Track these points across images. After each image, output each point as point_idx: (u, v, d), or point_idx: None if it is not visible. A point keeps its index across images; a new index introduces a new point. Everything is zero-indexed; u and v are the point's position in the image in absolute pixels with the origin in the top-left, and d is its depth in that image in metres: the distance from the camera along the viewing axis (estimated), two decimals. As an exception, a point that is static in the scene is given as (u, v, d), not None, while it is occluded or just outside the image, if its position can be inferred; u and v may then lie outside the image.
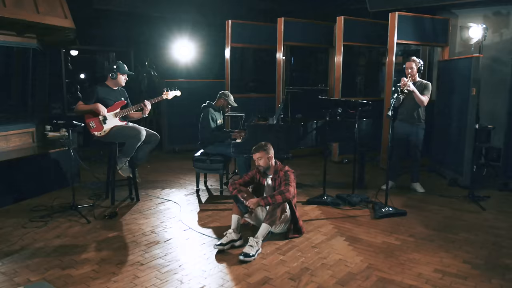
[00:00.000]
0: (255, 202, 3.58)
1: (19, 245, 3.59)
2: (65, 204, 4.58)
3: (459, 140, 5.37)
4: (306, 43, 7.35)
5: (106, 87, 4.62)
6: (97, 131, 4.50)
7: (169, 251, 3.48)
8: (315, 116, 4.76)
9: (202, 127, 5.13)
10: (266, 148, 3.76)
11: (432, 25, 6.23)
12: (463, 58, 5.45)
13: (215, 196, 5.10)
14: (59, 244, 3.61)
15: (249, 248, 3.36)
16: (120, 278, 3.01)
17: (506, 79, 5.36)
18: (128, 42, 7.96)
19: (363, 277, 3.06)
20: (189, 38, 7.90)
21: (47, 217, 4.22)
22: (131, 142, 4.52)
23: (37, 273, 3.07)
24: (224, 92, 5.32)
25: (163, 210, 4.56)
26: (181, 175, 6.09)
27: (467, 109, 5.17)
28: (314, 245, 3.63)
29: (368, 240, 3.74)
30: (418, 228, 4.03)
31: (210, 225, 4.09)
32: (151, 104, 4.67)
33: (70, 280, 2.97)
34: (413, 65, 4.98)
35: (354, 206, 4.65)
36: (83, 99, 4.46)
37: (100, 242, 3.66)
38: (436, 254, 3.45)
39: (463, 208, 4.62)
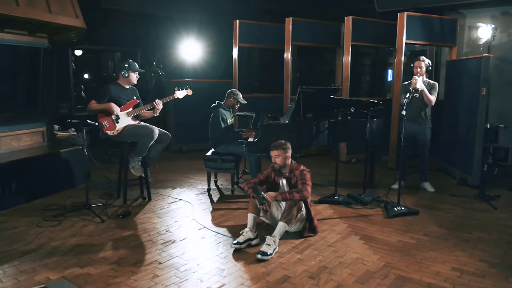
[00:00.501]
0: (273, 195, 3.60)
1: (36, 244, 3.59)
2: (78, 204, 4.59)
3: (468, 140, 5.38)
4: (314, 43, 7.38)
5: (119, 86, 4.63)
6: (110, 130, 4.50)
7: (186, 250, 3.48)
8: (327, 115, 4.77)
9: (212, 127, 5.14)
10: (285, 147, 3.77)
11: (440, 25, 6.25)
12: (473, 58, 5.47)
13: (226, 195, 5.11)
14: (75, 243, 3.61)
15: (267, 246, 3.37)
16: (139, 276, 3.02)
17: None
18: (135, 42, 7.96)
19: (382, 275, 3.07)
20: (196, 38, 7.91)
21: (60, 216, 4.22)
22: (144, 141, 4.53)
23: (57, 272, 3.08)
24: (232, 91, 5.33)
25: (175, 209, 4.56)
26: (190, 175, 6.09)
27: (477, 109, 5.18)
28: (330, 244, 3.65)
29: (383, 239, 3.75)
30: (431, 227, 4.04)
31: (224, 224, 4.10)
32: (162, 104, 4.67)
33: (90, 279, 2.98)
34: (422, 65, 5.00)
35: (366, 205, 4.66)
36: (95, 98, 4.47)
37: (116, 241, 3.67)
38: (451, 253, 3.46)
39: (474, 208, 4.63)
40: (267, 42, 7.51)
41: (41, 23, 4.71)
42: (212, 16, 7.95)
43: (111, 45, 8.11)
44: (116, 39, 7.83)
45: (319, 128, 4.56)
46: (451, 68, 6.09)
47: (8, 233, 3.82)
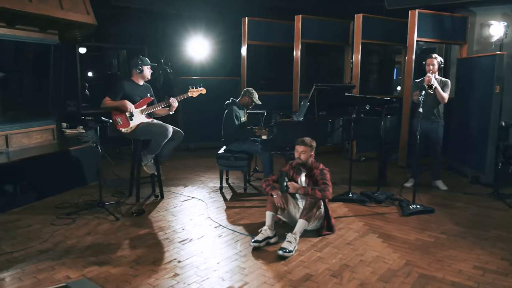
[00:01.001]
0: (296, 186, 3.60)
1: (51, 242, 3.55)
2: (90, 202, 4.56)
3: (481, 138, 5.36)
4: (322, 41, 7.34)
5: (132, 82, 4.59)
6: (123, 127, 4.47)
7: (204, 249, 3.45)
8: (340, 113, 4.74)
9: (225, 124, 5.10)
10: (312, 145, 3.75)
11: (451, 22, 6.23)
12: (486, 56, 5.44)
13: (239, 193, 5.08)
14: (92, 241, 3.58)
15: (288, 243, 3.34)
16: (160, 275, 2.99)
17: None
18: (143, 39, 7.92)
19: (404, 273, 3.05)
20: (204, 36, 7.86)
21: (74, 214, 4.19)
22: (158, 139, 4.49)
23: (76, 270, 3.04)
24: (249, 90, 5.30)
25: (189, 207, 4.53)
26: (200, 173, 6.06)
27: (490, 107, 5.16)
28: (348, 242, 3.62)
29: (402, 237, 3.73)
30: (448, 225, 4.02)
31: (240, 222, 4.07)
32: (177, 102, 4.64)
33: (110, 278, 2.94)
34: (434, 62, 4.98)
35: (380, 203, 4.64)
36: (109, 95, 4.43)
37: (132, 240, 3.64)
38: (471, 251, 3.44)
39: (489, 206, 4.61)
40: (276, 40, 7.47)
41: (52, 19, 4.67)
42: (220, 14, 7.90)
43: (118, 43, 8.06)
44: (123, 37, 7.79)
45: (334, 125, 4.52)
46: (462, 66, 6.06)
47: (23, 231, 3.79)
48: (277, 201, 3.64)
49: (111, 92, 4.46)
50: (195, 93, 4.84)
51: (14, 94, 5.31)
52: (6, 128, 4.82)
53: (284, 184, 3.54)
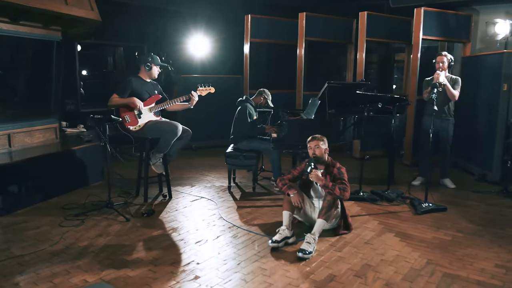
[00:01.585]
0: (319, 176, 3.56)
1: (63, 244, 3.44)
2: (97, 202, 4.45)
3: (488, 136, 5.36)
4: (326, 39, 7.30)
5: (140, 79, 4.49)
6: (132, 125, 4.37)
7: (221, 250, 3.38)
8: (351, 111, 4.70)
9: (237, 122, 5.03)
10: (324, 140, 3.71)
11: (456, 21, 6.23)
12: (493, 54, 5.45)
13: (248, 193, 5.00)
14: (105, 243, 3.48)
15: (307, 245, 3.28)
16: (180, 277, 2.91)
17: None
18: (142, 36, 7.78)
19: (428, 273, 3.01)
20: (205, 33, 7.76)
21: (82, 215, 4.07)
22: (167, 137, 4.40)
23: (92, 274, 2.94)
24: (265, 90, 5.25)
25: (199, 207, 4.44)
26: (205, 172, 5.97)
27: (498, 105, 5.17)
28: (366, 241, 3.58)
29: (419, 236, 3.70)
30: (463, 224, 4.00)
31: (254, 223, 4.00)
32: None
33: (130, 281, 2.85)
34: (444, 59, 4.96)
35: (392, 202, 4.61)
36: (117, 92, 4.32)
37: (147, 241, 3.54)
38: (490, 249, 3.42)
39: (500, 204, 4.61)
40: (278, 38, 7.41)
41: (56, 14, 4.54)
42: (221, 11, 7.80)
43: (117, 40, 7.90)
44: (121, 34, 7.62)
45: (345, 123, 4.48)
46: (467, 64, 6.06)
47: (31, 233, 3.67)
48: (295, 200, 3.58)
49: (119, 89, 4.35)
50: (204, 92, 4.74)
51: (16, 92, 5.15)
52: (8, 127, 4.68)
53: (309, 169, 3.49)
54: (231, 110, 7.60)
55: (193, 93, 4.54)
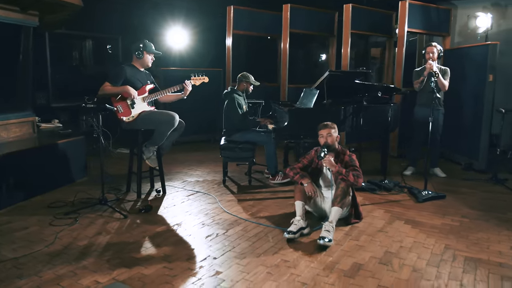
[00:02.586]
0: (332, 163, 3.45)
1: (60, 244, 3.13)
2: (87, 199, 4.13)
3: (474, 126, 5.50)
4: (309, 31, 7.25)
5: (133, 67, 4.21)
6: (125, 115, 4.08)
7: (235, 243, 3.20)
8: (348, 101, 4.65)
9: (228, 114, 4.85)
10: (335, 127, 3.62)
11: (437, 14, 6.37)
12: (477, 46, 5.60)
13: (243, 186, 4.83)
14: (107, 242, 3.20)
15: (326, 233, 3.18)
16: (201, 273, 2.71)
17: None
18: (117, 28, 7.39)
19: (450, 257, 2.99)
20: (183, 25, 7.49)
21: (73, 214, 3.75)
22: (162, 129, 4.15)
23: (102, 274, 2.68)
24: (243, 74, 5.06)
25: (198, 202, 4.23)
26: (193, 167, 5.73)
27: (483, 95, 5.31)
28: (379, 229, 3.53)
29: (428, 222, 3.70)
30: (465, 210, 4.05)
31: (260, 215, 3.85)
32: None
33: (146, 280, 2.62)
34: (434, 50, 5.04)
35: (390, 191, 4.61)
36: (109, 80, 4.02)
37: (152, 238, 3.30)
38: (500, 233, 3.47)
39: (492, 190, 4.73)
40: (261, 30, 7.27)
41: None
42: (200, 3, 7.56)
43: (89, 31, 7.45)
44: (95, 24, 7.20)
45: (346, 113, 4.42)
46: (450, 56, 6.19)
47: (20, 234, 3.31)
48: (308, 189, 3.47)
49: (111, 77, 4.05)
50: (198, 81, 4.53)
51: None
52: (-19, 120, 4.24)
53: (322, 154, 3.40)
54: (212, 104, 7.44)
55: (186, 82, 4.33)
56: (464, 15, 6.52)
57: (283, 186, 4.79)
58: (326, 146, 3.51)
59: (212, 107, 7.45)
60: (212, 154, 6.57)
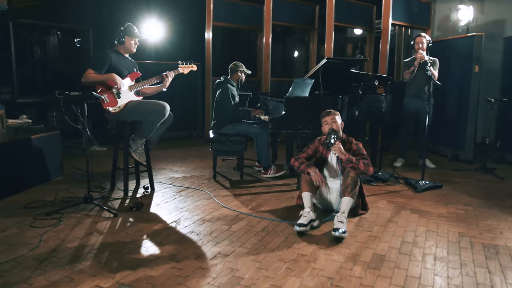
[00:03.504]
0: (342, 150, 3.28)
1: (47, 247, 2.77)
2: (68, 199, 3.75)
3: (460, 117, 5.53)
4: (291, 24, 7.12)
5: (118, 53, 3.88)
6: (111, 106, 3.73)
7: (243, 239, 2.95)
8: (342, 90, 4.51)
9: (220, 105, 4.58)
10: (338, 113, 3.46)
11: (418, 7, 6.41)
12: (462, 38, 5.65)
13: (235, 181, 4.57)
14: (101, 242, 2.87)
15: (340, 224, 3.00)
16: (215, 272, 2.45)
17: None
18: (88, 18, 6.90)
19: (467, 244, 2.90)
20: (159, 17, 7.11)
21: (55, 214, 3.37)
22: (152, 120, 3.83)
23: (104, 278, 2.36)
24: (236, 63, 4.82)
25: (191, 198, 3.94)
26: (177, 163, 5.41)
27: (469, 86, 5.36)
28: (389, 219, 3.40)
29: (434, 211, 3.62)
30: (466, 198, 4.02)
31: (262, 209, 3.62)
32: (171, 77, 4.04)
33: (156, 282, 2.33)
34: (424, 40, 5.04)
35: (386, 182, 4.52)
36: (93, 67, 3.66)
37: (151, 236, 3.00)
38: (507, 219, 3.43)
39: (484, 179, 4.75)
40: (241, 22, 7.05)
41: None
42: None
43: (57, 21, 6.91)
44: (63, 15, 6.69)
45: (343, 102, 4.29)
46: (434, 49, 6.17)
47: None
48: (316, 178, 3.29)
49: (94, 63, 3.70)
50: (186, 70, 4.25)
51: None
52: None
53: (333, 140, 3.23)
54: (190, 100, 7.12)
55: (168, 72, 4.04)
56: (443, 9, 6.59)
57: (276, 180, 4.59)
58: (334, 133, 3.34)
59: (191, 102, 7.15)
60: (194, 151, 6.28)
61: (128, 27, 3.92)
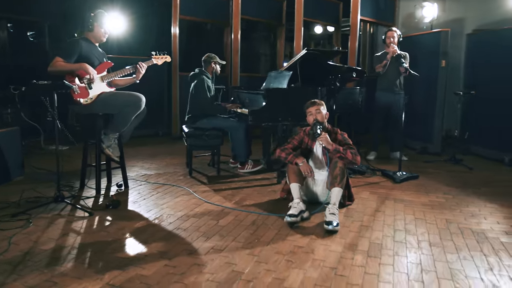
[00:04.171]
0: (329, 141, 3.21)
1: (18, 250, 2.49)
2: (35, 199, 3.43)
3: (428, 110, 5.67)
4: (259, 18, 7.03)
5: (89, 42, 3.61)
6: (82, 97, 3.45)
7: (234, 234, 2.81)
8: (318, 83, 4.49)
9: (195, 98, 4.40)
10: (323, 104, 3.39)
11: (384, 4, 6.54)
12: (429, 33, 5.81)
13: (212, 176, 4.40)
14: (80, 243, 2.62)
15: (332, 216, 2.93)
16: (213, 268, 2.30)
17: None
18: (43, 10, 6.44)
19: (458, 230, 2.93)
20: (121, 10, 6.77)
21: (22, 215, 3.05)
22: (126, 112, 3.59)
23: (92, 280, 2.14)
24: (209, 55, 4.66)
25: (169, 194, 3.73)
26: (147, 161, 5.15)
27: (436, 80, 5.51)
28: (376, 209, 3.39)
29: (416, 200, 3.65)
30: (443, 187, 4.10)
31: (246, 203, 3.49)
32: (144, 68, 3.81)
33: (150, 281, 2.14)
34: (395, 35, 5.14)
35: (364, 174, 4.54)
36: (62, 55, 3.37)
37: (135, 234, 2.78)
38: (486, 206, 3.51)
39: (455, 170, 4.89)
40: (207, 16, 6.88)
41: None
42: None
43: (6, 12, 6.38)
44: (16, 4, 6.20)
45: (322, 94, 4.25)
46: (402, 44, 6.33)
47: (-42, 243, 2.59)
48: (305, 169, 3.20)
49: (63, 51, 3.40)
50: (160, 60, 4.05)
51: None
52: None
53: (319, 130, 3.15)
54: (155, 96, 6.83)
55: (140, 63, 3.83)
56: (406, 6, 6.78)
57: (254, 175, 4.47)
58: (320, 123, 3.27)
59: (156, 99, 6.87)
60: (162, 148, 6.03)
61: (99, 14, 3.67)
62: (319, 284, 2.15)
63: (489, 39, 5.43)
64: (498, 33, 5.33)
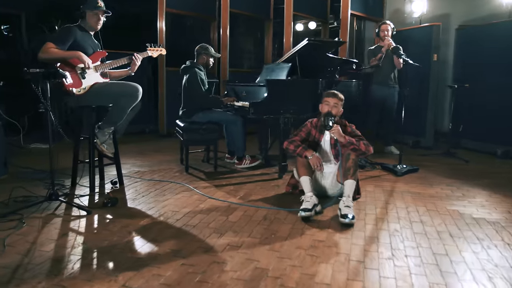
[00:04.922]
0: (341, 133, 3.06)
1: (16, 253, 2.25)
2: (25, 198, 3.18)
3: (421, 105, 5.67)
4: (247, 12, 6.87)
5: (83, 29, 3.37)
6: (75, 87, 3.21)
7: (247, 229, 2.66)
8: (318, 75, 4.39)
9: (188, 92, 4.22)
10: (342, 99, 3.26)
11: (372, 0, 6.53)
12: (420, 27, 5.80)
13: (209, 172, 4.23)
14: (83, 243, 2.41)
15: (348, 209, 2.83)
16: (235, 265, 2.14)
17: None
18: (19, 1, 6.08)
19: (473, 221, 2.88)
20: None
21: (13, 215, 2.80)
22: (123, 103, 3.38)
23: (105, 283, 1.95)
24: (202, 46, 4.48)
25: (169, 191, 3.54)
26: (139, 158, 4.92)
27: (429, 75, 5.52)
28: (386, 201, 3.31)
29: (422, 192, 3.60)
30: (445, 180, 4.07)
31: (252, 198, 3.35)
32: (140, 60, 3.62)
33: (172, 282, 1.97)
34: (389, 28, 5.13)
35: (364, 168, 4.47)
36: (54, 41, 3.13)
37: (141, 233, 2.58)
38: (491, 196, 3.49)
39: (452, 162, 4.89)
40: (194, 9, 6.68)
41: None
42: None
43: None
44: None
45: (322, 86, 4.14)
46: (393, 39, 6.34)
47: None
48: (314, 162, 3.08)
49: (56, 37, 3.16)
50: (155, 53, 3.87)
51: None
52: None
53: (331, 123, 3.01)
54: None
55: (136, 55, 3.63)
56: (394, 1, 6.79)
57: (253, 170, 4.34)
58: (333, 116, 3.15)
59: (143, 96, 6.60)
60: (151, 146, 5.82)
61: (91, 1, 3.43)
62: (351, 278, 2.03)
63: (478, 34, 5.48)
64: (487, 28, 5.39)
